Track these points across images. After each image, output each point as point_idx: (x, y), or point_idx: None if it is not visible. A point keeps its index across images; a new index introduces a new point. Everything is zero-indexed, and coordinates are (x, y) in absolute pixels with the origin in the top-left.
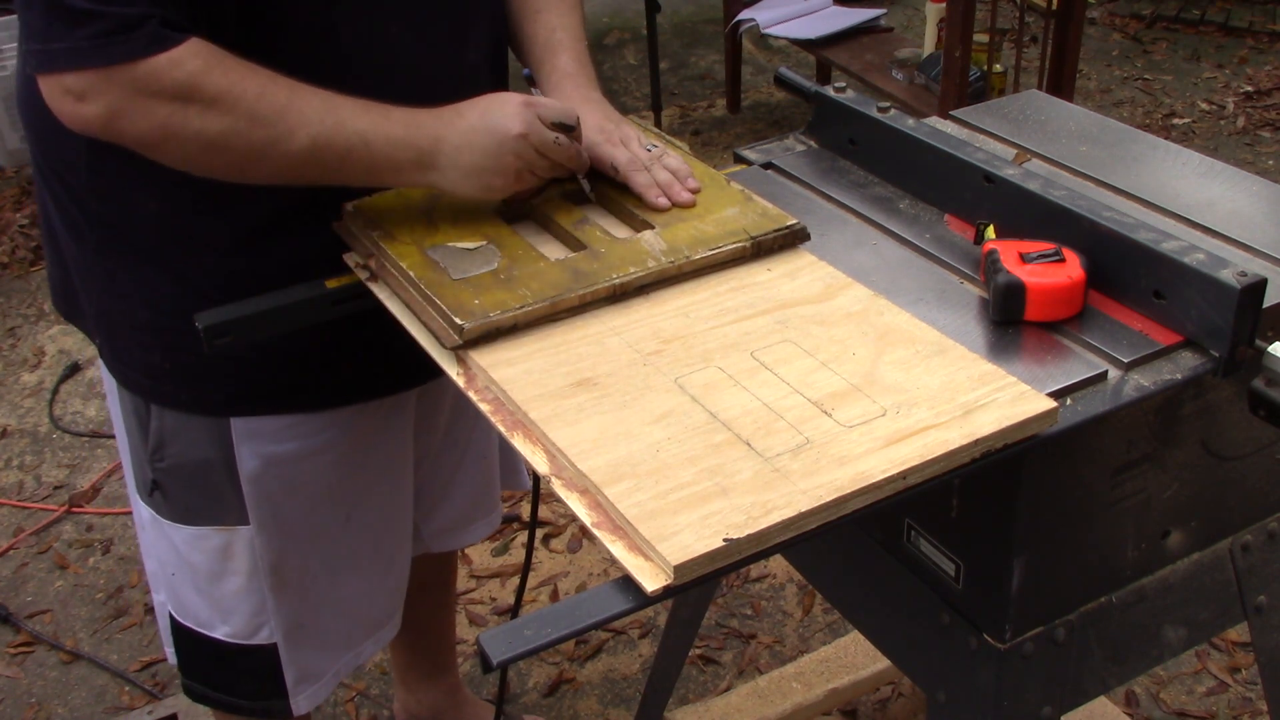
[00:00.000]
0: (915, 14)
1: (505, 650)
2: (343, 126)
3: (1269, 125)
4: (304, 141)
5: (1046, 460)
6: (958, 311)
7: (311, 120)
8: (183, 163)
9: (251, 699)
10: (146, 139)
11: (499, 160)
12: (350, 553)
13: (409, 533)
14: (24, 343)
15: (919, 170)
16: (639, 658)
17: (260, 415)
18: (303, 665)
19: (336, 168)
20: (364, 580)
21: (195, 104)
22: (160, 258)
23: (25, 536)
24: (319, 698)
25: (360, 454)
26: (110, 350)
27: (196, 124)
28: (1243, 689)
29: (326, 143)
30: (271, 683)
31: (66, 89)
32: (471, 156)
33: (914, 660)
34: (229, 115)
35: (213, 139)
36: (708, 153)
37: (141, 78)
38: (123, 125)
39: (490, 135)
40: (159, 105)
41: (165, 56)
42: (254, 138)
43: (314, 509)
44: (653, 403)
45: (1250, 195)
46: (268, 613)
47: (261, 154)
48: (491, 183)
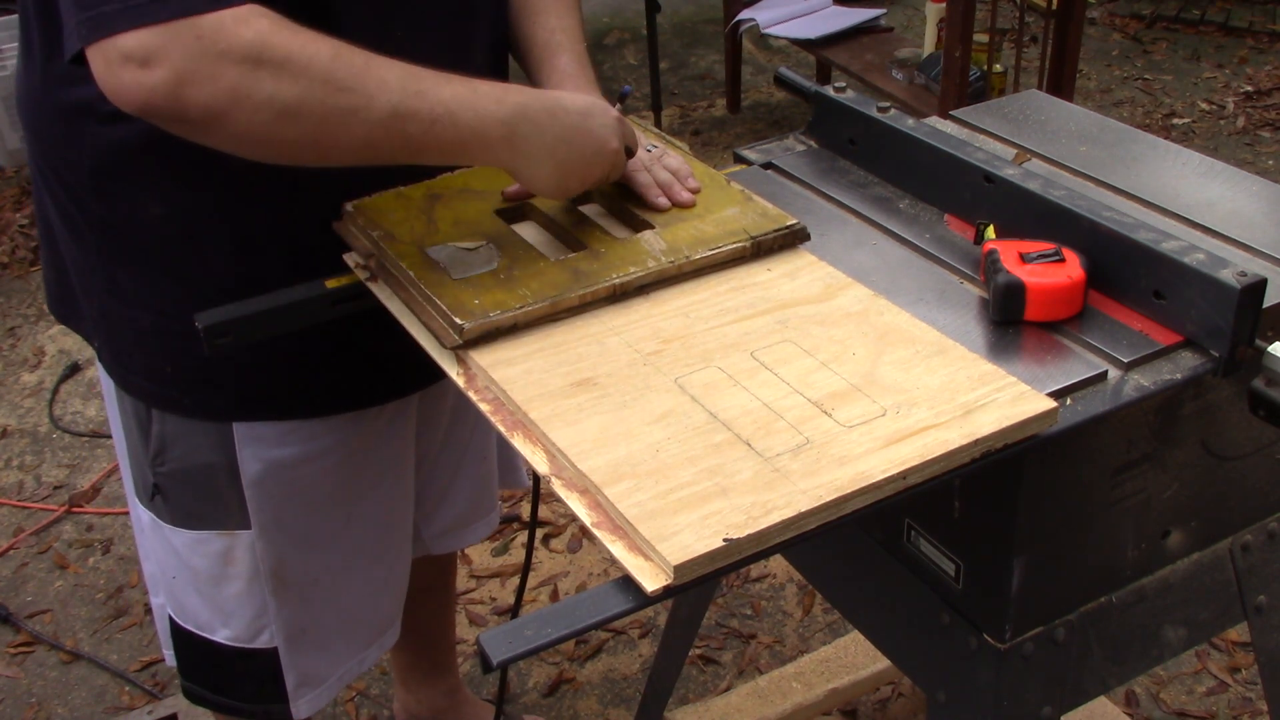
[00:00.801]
0: (915, 14)
1: (505, 650)
2: (426, 95)
3: (1269, 125)
4: (384, 110)
5: (1046, 460)
6: (958, 311)
7: (393, 87)
8: (252, 137)
9: (251, 702)
10: (216, 105)
11: (590, 168)
12: (352, 556)
13: (409, 536)
14: (24, 343)
15: (919, 170)
16: (639, 658)
17: (263, 420)
18: (304, 670)
19: (419, 140)
20: (365, 584)
21: (266, 66)
22: (164, 261)
23: (25, 536)
24: (320, 703)
25: (362, 457)
26: (110, 353)
27: (269, 88)
28: (1243, 689)
29: (410, 112)
30: (272, 686)
31: (127, 55)
32: (568, 154)
33: (914, 660)
34: (304, 78)
35: (287, 105)
36: (708, 153)
37: (209, 34)
38: (190, 91)
39: (592, 140)
40: (228, 67)
41: (230, 13)
42: (331, 104)
43: (316, 513)
44: (653, 403)
45: (1250, 195)
46: (269, 616)
47: (340, 123)
48: (570, 185)
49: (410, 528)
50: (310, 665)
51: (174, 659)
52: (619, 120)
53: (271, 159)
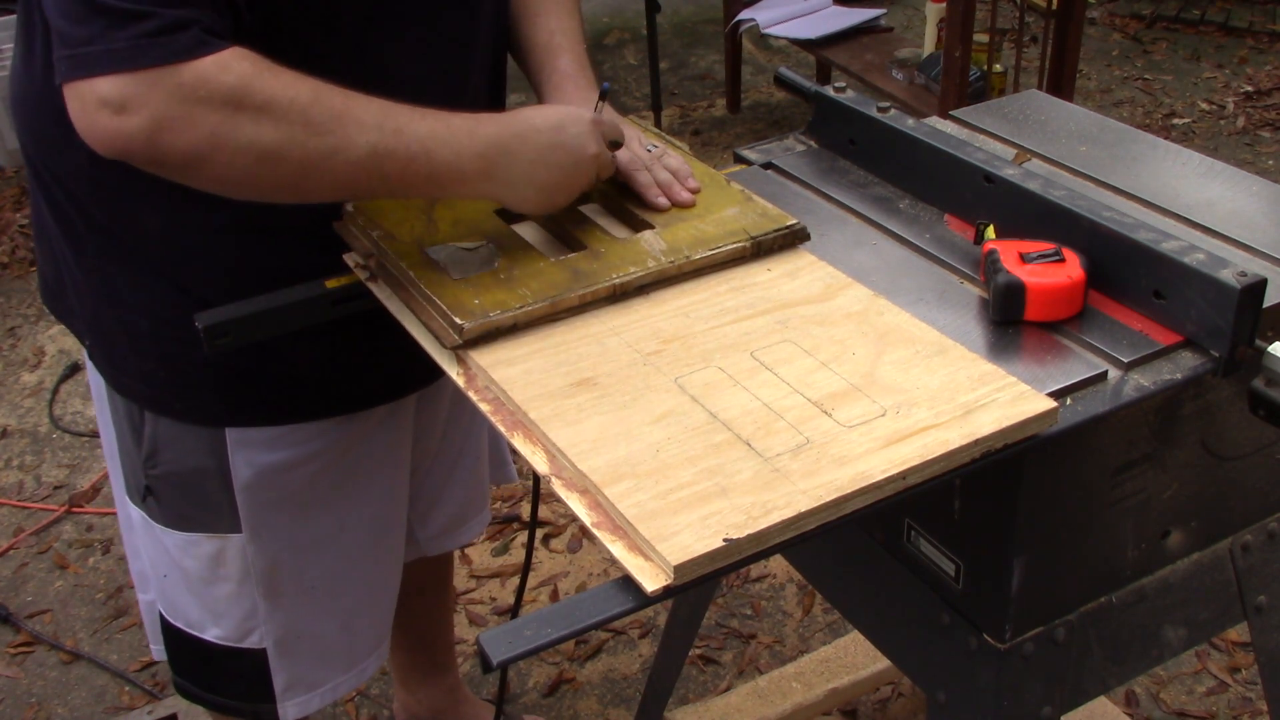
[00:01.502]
0: (915, 14)
1: (505, 650)
2: (403, 133)
3: (1269, 125)
4: (363, 150)
5: (1046, 460)
6: (958, 311)
7: (370, 127)
8: (231, 180)
9: (240, 700)
10: (194, 152)
11: (572, 180)
12: (343, 560)
13: (402, 540)
14: (24, 343)
15: (919, 170)
16: (639, 658)
17: (255, 426)
18: (293, 672)
19: (397, 178)
20: (357, 588)
21: (246, 110)
22: (160, 268)
23: (25, 536)
24: (311, 707)
25: (353, 462)
26: (102, 353)
27: (249, 132)
28: (1243, 689)
29: (387, 151)
30: (260, 687)
31: (103, 100)
32: (547, 173)
33: (914, 660)
34: (283, 122)
35: (266, 149)
36: (708, 153)
37: (189, 82)
38: (168, 138)
39: (567, 154)
40: (208, 113)
41: (212, 59)
42: (310, 147)
43: (307, 517)
44: (653, 403)
45: (1250, 195)
46: (258, 618)
47: (318, 164)
48: (557, 200)
49: (403, 532)
50: (300, 668)
51: (162, 654)
52: (593, 124)
53: (252, 199)
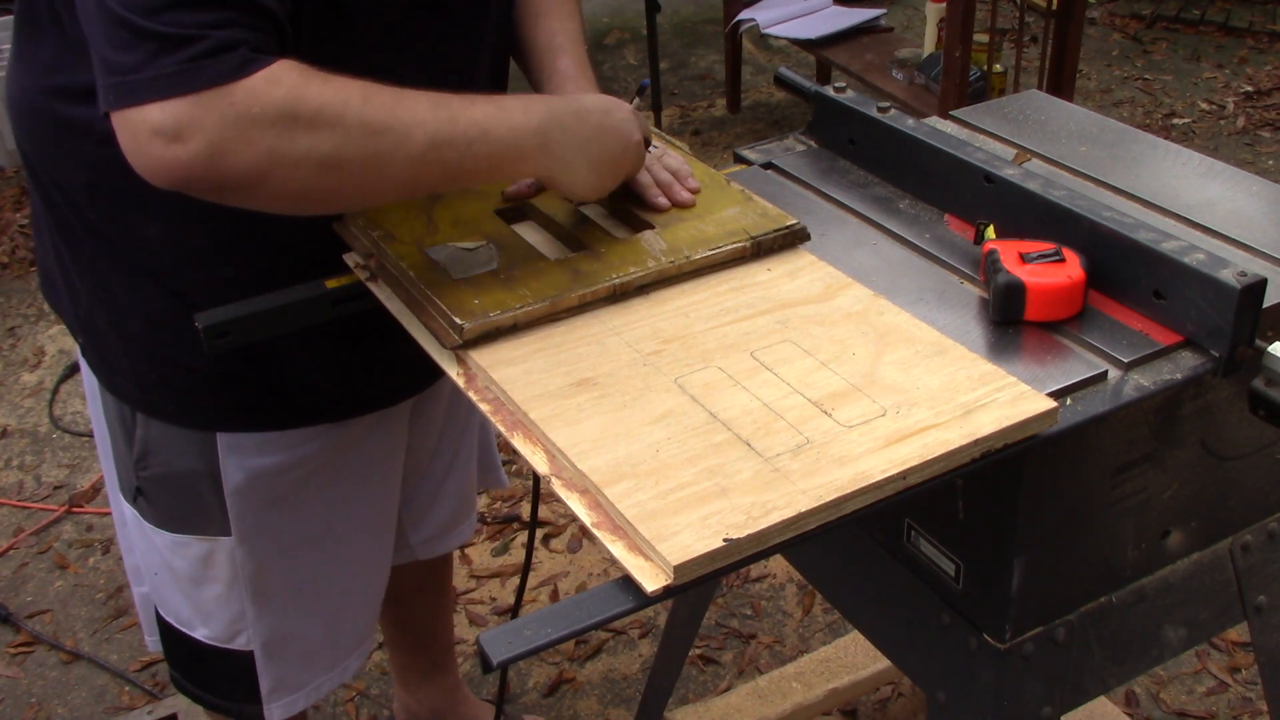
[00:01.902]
0: (915, 14)
1: (505, 650)
2: (457, 119)
3: (1269, 125)
4: (421, 142)
5: (1046, 460)
6: (958, 311)
7: (425, 118)
8: (294, 194)
9: (227, 699)
10: (254, 171)
11: (620, 163)
12: (331, 566)
13: (390, 546)
14: (24, 343)
15: (919, 170)
16: (639, 658)
17: (246, 431)
18: (279, 675)
19: (457, 165)
20: (344, 593)
21: (301, 122)
22: (156, 273)
23: (25, 536)
24: (295, 708)
25: (346, 466)
26: (95, 352)
27: (305, 143)
28: (1243, 689)
29: (446, 139)
30: (247, 688)
31: (155, 130)
32: (600, 152)
33: (914, 660)
34: (338, 128)
35: (325, 157)
36: (708, 153)
37: (241, 101)
38: (227, 161)
39: (617, 137)
40: (263, 130)
41: (261, 75)
42: (369, 148)
43: (296, 521)
44: (653, 403)
45: (1250, 195)
46: (246, 621)
47: (380, 164)
48: (606, 183)
49: (393, 535)
50: (286, 672)
51: (157, 645)
52: (635, 113)
53: (316, 211)
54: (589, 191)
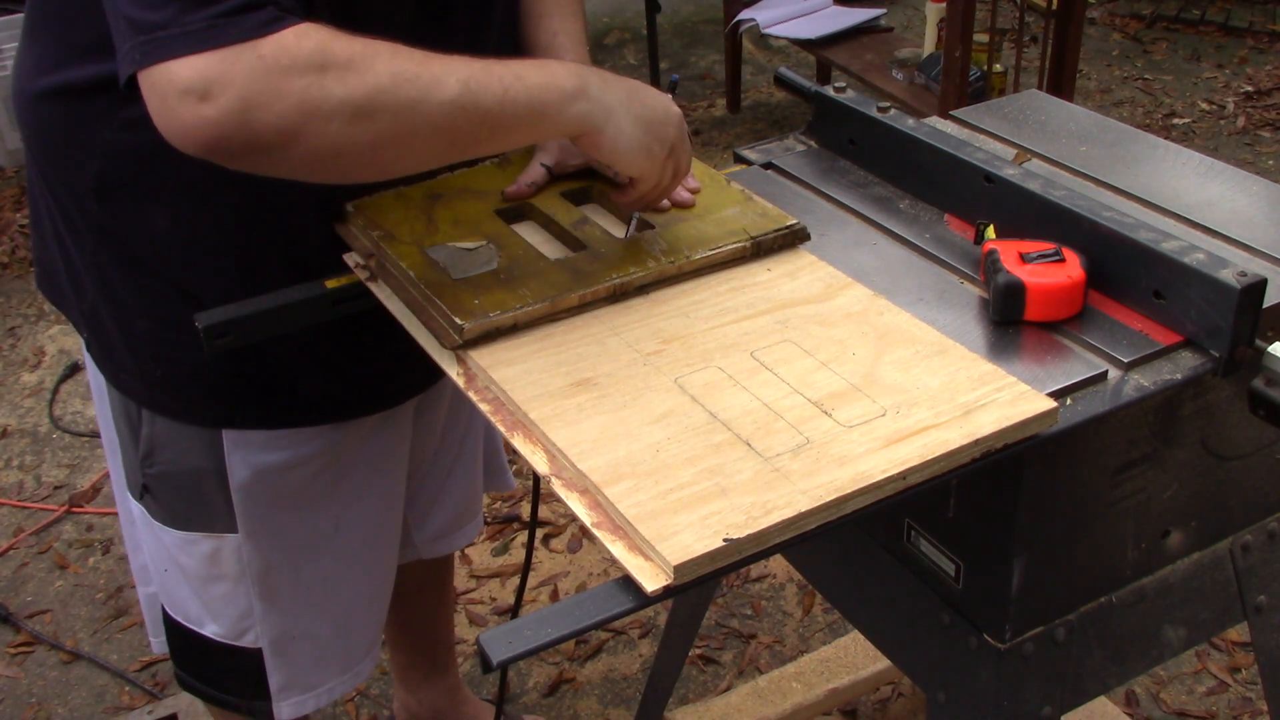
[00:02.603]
0: (915, 14)
1: (505, 650)
2: (491, 67)
3: (1269, 125)
4: (454, 87)
5: (1046, 460)
6: (958, 311)
7: (457, 65)
8: (327, 151)
9: (237, 696)
10: (287, 122)
11: (664, 126)
12: (339, 563)
13: (397, 543)
14: (24, 343)
15: (919, 170)
16: (639, 658)
17: (252, 429)
18: (289, 673)
19: (495, 113)
20: (353, 591)
21: (331, 70)
22: (162, 270)
23: (25, 536)
24: (306, 708)
25: (350, 464)
26: (100, 349)
27: (339, 91)
28: (1243, 689)
29: (480, 84)
30: (256, 685)
31: (185, 88)
32: (643, 110)
33: (914, 660)
34: (370, 74)
35: (359, 103)
36: (708, 153)
37: (270, 55)
38: (259, 115)
39: (658, 100)
40: (294, 79)
41: (290, 31)
42: (402, 95)
43: (303, 518)
44: (653, 403)
45: (1250, 195)
46: (254, 618)
47: (413, 112)
48: (652, 146)
49: (399, 534)
50: (296, 670)
51: (162, 646)
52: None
53: (346, 173)
54: (636, 150)
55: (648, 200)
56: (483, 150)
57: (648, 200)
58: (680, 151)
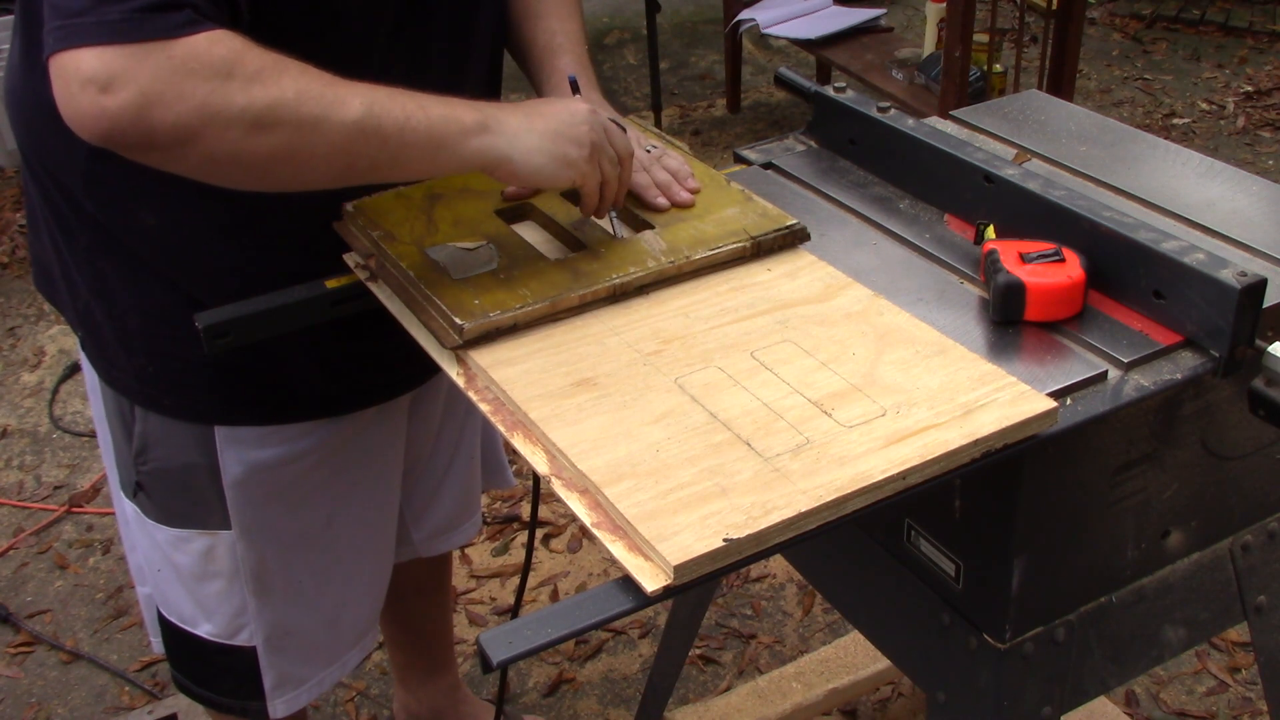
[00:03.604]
0: (915, 14)
1: (505, 650)
2: (395, 95)
3: (1269, 125)
4: (357, 109)
5: (1046, 460)
6: (958, 311)
7: (361, 90)
8: (223, 157)
9: (230, 696)
10: (185, 124)
11: (573, 128)
12: (333, 559)
13: (392, 539)
14: (24, 343)
15: (919, 170)
16: (639, 658)
17: (245, 425)
18: (283, 670)
19: (395, 138)
20: (346, 587)
21: (237, 79)
22: (154, 267)
23: (25, 536)
24: (298, 703)
25: (344, 460)
26: (95, 347)
27: (240, 99)
28: (1243, 689)
29: (383, 109)
30: (250, 684)
31: (88, 77)
32: (544, 123)
33: (914, 660)
34: (274, 87)
35: (259, 114)
36: (708, 153)
37: (180, 56)
38: (157, 113)
39: (560, 107)
40: (199, 83)
41: (204, 36)
42: (303, 110)
43: (297, 515)
44: (653, 403)
45: (1250, 195)
46: (248, 615)
47: (312, 127)
48: (568, 152)
49: (393, 531)
50: (289, 666)
51: (160, 646)
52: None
53: (242, 181)
54: (551, 163)
55: (607, 199)
56: (382, 177)
57: (607, 199)
58: (606, 141)
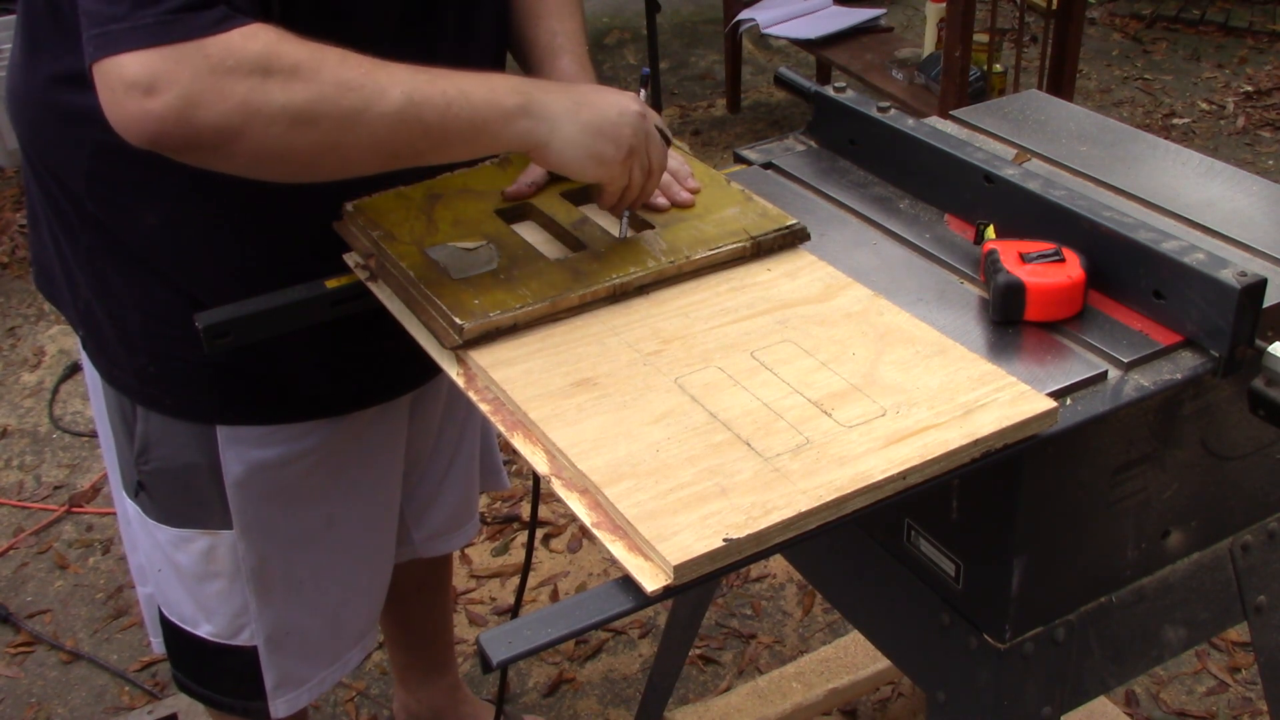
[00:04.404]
0: (915, 14)
1: (505, 650)
2: (436, 80)
3: (1269, 125)
4: (397, 99)
5: (1046, 460)
6: (958, 311)
7: (402, 78)
8: (268, 152)
9: (231, 696)
10: (227, 123)
11: (618, 128)
12: (333, 559)
13: (393, 539)
14: (24, 343)
15: (919, 170)
16: (639, 658)
17: (246, 425)
18: (284, 670)
19: (437, 127)
20: (347, 587)
21: (276, 75)
22: (155, 266)
23: (25, 536)
24: (299, 703)
25: (345, 459)
26: (96, 346)
27: (280, 96)
28: (1243, 689)
29: (423, 98)
30: (251, 684)
31: (131, 82)
32: (591, 115)
33: (914, 660)
34: (314, 81)
35: (300, 110)
36: (708, 153)
37: (216, 55)
38: (200, 114)
39: (609, 101)
40: (237, 81)
41: (238, 32)
42: (345, 104)
43: (298, 514)
44: (653, 403)
45: (1250, 195)
46: (249, 615)
47: (355, 120)
48: (604, 150)
49: (394, 531)
50: (290, 666)
51: (161, 647)
52: (635, 96)
53: (289, 175)
54: (586, 158)
55: (626, 201)
56: (424, 161)
57: (626, 201)
58: (645, 149)
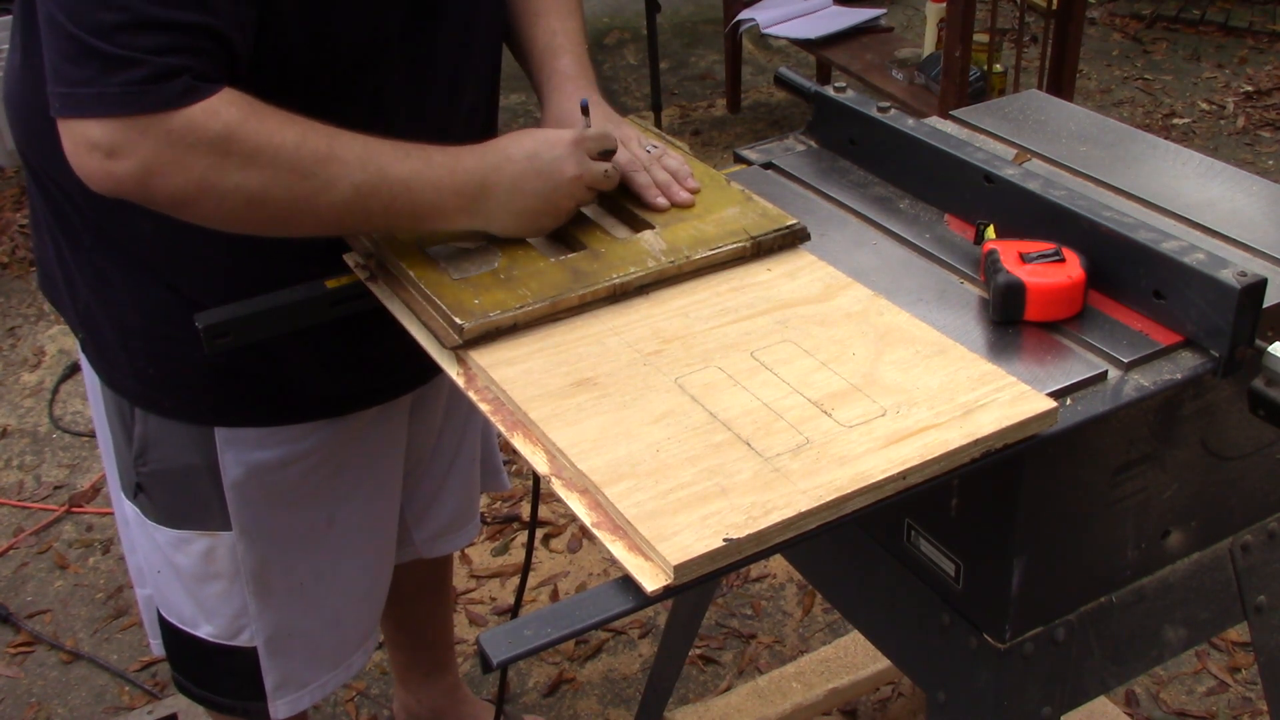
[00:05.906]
0: (915, 14)
1: (505, 650)
2: (385, 174)
3: (1269, 125)
4: (346, 191)
5: (1046, 460)
6: (958, 311)
7: (353, 169)
8: (218, 219)
9: (231, 697)
10: (182, 195)
11: (553, 204)
12: (333, 560)
13: (393, 540)
14: (24, 343)
15: (919, 170)
16: (639, 658)
17: (244, 426)
18: (283, 671)
19: (380, 214)
20: (347, 588)
21: (233, 157)
22: (154, 269)
23: (25, 536)
24: (300, 705)
25: (344, 460)
26: (95, 348)
27: (236, 178)
28: (1243, 689)
29: (371, 191)
30: (251, 685)
31: (94, 144)
32: (524, 201)
33: (914, 660)
34: (269, 168)
35: (253, 193)
36: (708, 153)
37: (178, 129)
38: (157, 183)
39: (544, 179)
40: (196, 158)
41: (201, 106)
42: (296, 190)
43: (297, 515)
44: (653, 403)
45: (1250, 195)
46: (249, 616)
47: (304, 206)
48: (543, 224)
49: (394, 532)
50: (290, 667)
51: (160, 648)
52: (573, 144)
53: (240, 233)
54: (523, 235)
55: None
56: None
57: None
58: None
